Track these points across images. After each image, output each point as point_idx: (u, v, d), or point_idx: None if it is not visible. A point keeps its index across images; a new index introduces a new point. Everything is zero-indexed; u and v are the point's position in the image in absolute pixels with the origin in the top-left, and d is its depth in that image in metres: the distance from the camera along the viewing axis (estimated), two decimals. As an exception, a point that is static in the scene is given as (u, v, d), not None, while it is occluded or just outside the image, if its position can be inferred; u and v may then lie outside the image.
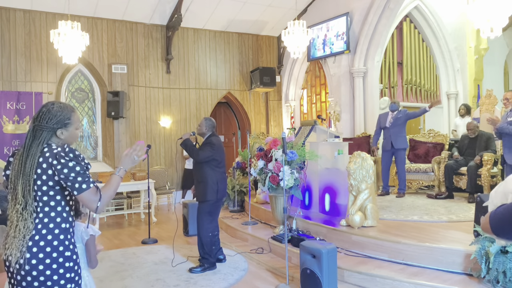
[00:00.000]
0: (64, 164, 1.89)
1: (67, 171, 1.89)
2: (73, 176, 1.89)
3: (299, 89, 10.95)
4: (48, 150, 1.93)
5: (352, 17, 8.55)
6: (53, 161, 1.90)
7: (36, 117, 1.98)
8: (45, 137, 1.95)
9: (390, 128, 6.69)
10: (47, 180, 1.91)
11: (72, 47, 6.76)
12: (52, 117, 1.97)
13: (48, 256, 1.89)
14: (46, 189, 1.92)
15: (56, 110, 1.99)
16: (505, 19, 5.36)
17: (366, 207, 4.65)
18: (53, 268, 1.89)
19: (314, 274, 3.62)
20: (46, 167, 1.90)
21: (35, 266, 1.86)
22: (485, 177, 5.93)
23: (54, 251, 1.90)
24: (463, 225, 4.60)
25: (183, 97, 9.75)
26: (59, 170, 1.89)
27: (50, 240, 1.90)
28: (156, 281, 4.33)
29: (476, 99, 9.90)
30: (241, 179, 7.51)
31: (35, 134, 1.95)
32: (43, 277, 1.87)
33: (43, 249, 1.88)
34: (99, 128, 9.05)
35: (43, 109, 1.99)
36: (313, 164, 5.54)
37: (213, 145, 4.60)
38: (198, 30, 9.87)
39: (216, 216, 4.79)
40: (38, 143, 1.93)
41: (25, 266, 1.86)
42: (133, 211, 8.07)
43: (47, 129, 1.96)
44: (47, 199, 1.93)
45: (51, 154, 1.91)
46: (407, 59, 9.85)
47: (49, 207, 1.93)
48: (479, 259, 3.39)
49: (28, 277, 1.87)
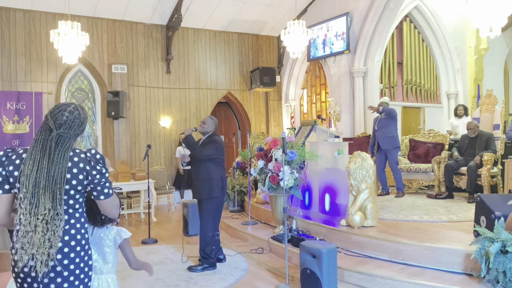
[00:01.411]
0: (98, 170, 1.92)
1: (100, 177, 1.92)
2: (104, 181, 1.93)
3: (299, 89, 10.95)
4: (74, 154, 1.91)
5: (352, 17, 8.55)
6: (85, 166, 1.89)
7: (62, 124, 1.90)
8: (71, 143, 1.93)
9: (377, 130, 6.79)
10: (76, 185, 1.89)
11: (72, 47, 6.76)
12: (80, 124, 1.97)
13: (78, 255, 1.91)
14: (74, 193, 1.91)
15: (83, 116, 1.99)
16: (504, 19, 5.35)
17: (366, 207, 4.65)
18: (81, 267, 1.92)
19: (314, 274, 3.62)
20: (76, 172, 1.89)
21: (66, 266, 1.87)
22: (485, 177, 5.92)
23: (82, 250, 1.93)
24: (463, 225, 4.60)
25: (183, 97, 9.75)
26: (93, 176, 1.90)
27: (79, 240, 1.93)
28: (156, 281, 4.33)
29: (476, 99, 9.90)
30: (241, 179, 7.51)
31: (61, 142, 1.89)
32: (73, 276, 1.89)
33: (74, 249, 1.90)
34: (99, 128, 9.06)
35: (69, 116, 1.92)
36: (313, 164, 5.54)
37: (217, 144, 4.59)
38: (198, 30, 9.87)
39: (220, 214, 4.78)
40: (64, 150, 1.88)
41: (56, 267, 1.85)
42: (133, 211, 8.08)
43: (75, 136, 1.95)
44: (73, 202, 1.93)
45: (80, 159, 1.90)
46: (407, 59, 9.85)
47: (73, 209, 1.94)
48: (479, 259, 3.39)
49: (58, 279, 1.86)
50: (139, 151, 9.12)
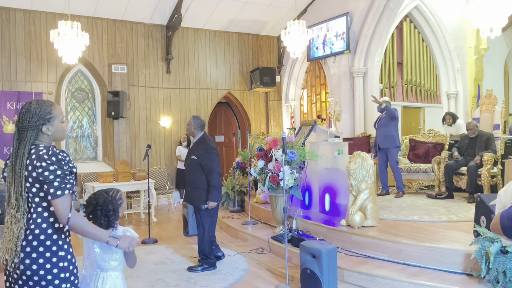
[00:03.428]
0: (45, 167, 1.87)
1: (47, 173, 1.87)
2: (51, 179, 1.87)
3: (299, 89, 10.95)
4: (34, 151, 1.92)
5: (352, 17, 8.55)
6: (36, 162, 1.89)
7: (18, 120, 1.97)
8: (30, 137, 1.94)
9: (378, 128, 6.82)
10: (33, 182, 1.90)
11: (72, 47, 6.76)
12: (32, 115, 1.96)
13: (41, 256, 1.89)
14: (36, 191, 1.91)
15: (34, 107, 1.97)
16: (504, 19, 5.35)
17: (366, 207, 4.65)
18: (47, 268, 1.89)
19: (314, 274, 3.62)
20: (31, 169, 1.90)
21: (28, 266, 1.87)
22: (485, 177, 5.92)
23: (47, 250, 1.90)
24: (463, 225, 4.60)
25: (183, 97, 9.75)
26: (40, 173, 1.87)
27: (43, 240, 1.90)
28: (156, 281, 4.33)
29: (476, 99, 9.90)
30: (241, 179, 7.51)
31: (20, 136, 1.95)
32: (37, 276, 1.88)
33: (36, 249, 1.89)
34: (99, 128, 9.06)
35: (22, 110, 1.98)
36: (313, 164, 5.53)
37: (214, 156, 4.50)
38: (198, 30, 9.87)
39: (217, 217, 4.79)
40: (24, 144, 1.93)
41: (20, 265, 1.87)
42: (133, 211, 8.08)
43: (31, 128, 1.95)
44: (39, 200, 1.93)
45: (36, 156, 1.90)
46: (407, 59, 9.85)
47: (42, 208, 1.93)
48: (479, 259, 3.39)
49: (23, 276, 1.88)
50: (139, 151, 9.12)
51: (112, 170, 8.33)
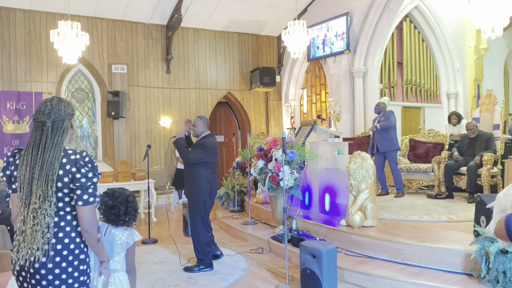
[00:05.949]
0: (83, 174, 1.85)
1: (85, 180, 1.85)
2: (88, 186, 1.85)
3: (299, 89, 10.95)
4: (65, 155, 1.87)
5: (352, 17, 8.55)
6: (71, 168, 1.85)
7: (49, 113, 1.90)
8: (66, 127, 1.91)
9: (376, 132, 6.73)
10: (62, 187, 1.86)
11: (72, 47, 6.75)
12: (66, 105, 1.95)
13: (64, 260, 1.85)
14: (62, 196, 1.87)
15: (61, 100, 1.97)
16: (506, 19, 5.35)
17: (366, 207, 4.65)
18: (69, 272, 1.86)
19: (314, 274, 3.62)
20: (62, 174, 1.85)
21: (51, 270, 1.82)
22: (485, 177, 5.92)
23: (70, 254, 1.87)
24: (463, 225, 4.60)
25: (183, 97, 9.75)
26: (78, 179, 1.84)
27: (67, 244, 1.87)
28: (156, 281, 4.33)
29: (476, 99, 9.89)
30: (241, 179, 7.50)
31: (55, 126, 1.89)
32: (58, 281, 1.84)
33: (60, 253, 1.85)
34: (99, 128, 9.05)
35: (48, 104, 1.92)
36: (313, 164, 5.53)
37: (205, 148, 4.56)
38: (198, 30, 9.86)
39: (208, 215, 4.79)
40: (60, 134, 1.88)
41: (41, 270, 1.82)
42: (133, 211, 8.06)
43: (67, 116, 1.93)
44: (63, 205, 1.89)
45: (69, 161, 1.86)
46: (407, 59, 9.85)
47: (64, 212, 1.90)
48: (479, 259, 3.39)
49: (43, 281, 1.82)
50: (139, 151, 9.12)
51: (112, 170, 8.32)
